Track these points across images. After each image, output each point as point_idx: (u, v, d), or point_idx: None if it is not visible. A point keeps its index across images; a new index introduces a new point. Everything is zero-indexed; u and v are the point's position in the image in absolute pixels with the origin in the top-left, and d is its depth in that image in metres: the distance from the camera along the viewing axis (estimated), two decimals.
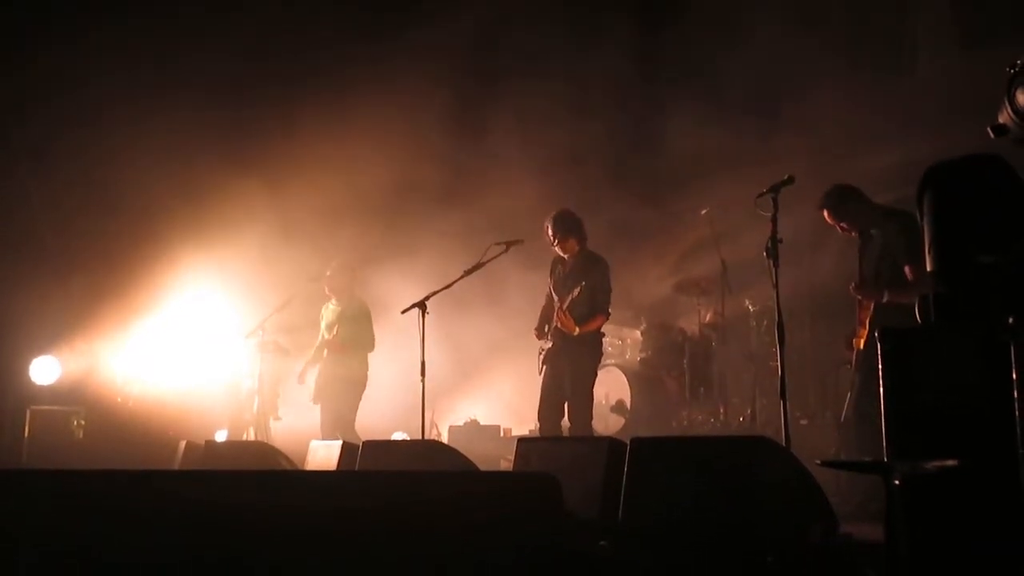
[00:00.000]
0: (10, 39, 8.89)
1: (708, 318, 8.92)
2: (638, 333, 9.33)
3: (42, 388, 9.17)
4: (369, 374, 8.06)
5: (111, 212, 8.89)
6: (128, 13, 9.02)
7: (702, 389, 8.90)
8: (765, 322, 8.03)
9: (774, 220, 5.19)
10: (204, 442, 7.15)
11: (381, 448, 5.66)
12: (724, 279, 8.58)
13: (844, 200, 5.81)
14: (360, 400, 8.00)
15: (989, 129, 3.50)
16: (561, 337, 6.67)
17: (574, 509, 3.66)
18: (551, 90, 9.89)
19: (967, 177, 3.48)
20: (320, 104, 9.24)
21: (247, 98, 9.43)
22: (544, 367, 6.77)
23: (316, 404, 8.13)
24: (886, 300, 5.47)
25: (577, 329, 6.59)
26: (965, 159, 3.50)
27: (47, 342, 9.24)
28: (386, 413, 8.82)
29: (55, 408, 9.04)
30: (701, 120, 9.32)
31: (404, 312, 6.68)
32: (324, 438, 7.74)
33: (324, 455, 5.86)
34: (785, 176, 5.25)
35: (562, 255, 6.91)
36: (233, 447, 7.64)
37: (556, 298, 6.80)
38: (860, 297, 5.62)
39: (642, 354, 9.17)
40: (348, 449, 5.56)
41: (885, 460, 3.31)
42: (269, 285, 9.07)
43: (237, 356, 9.27)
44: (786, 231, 5.26)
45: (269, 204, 9.03)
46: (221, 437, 9.10)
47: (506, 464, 7.72)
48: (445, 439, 9.38)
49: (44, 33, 8.94)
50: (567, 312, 6.60)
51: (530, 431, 9.45)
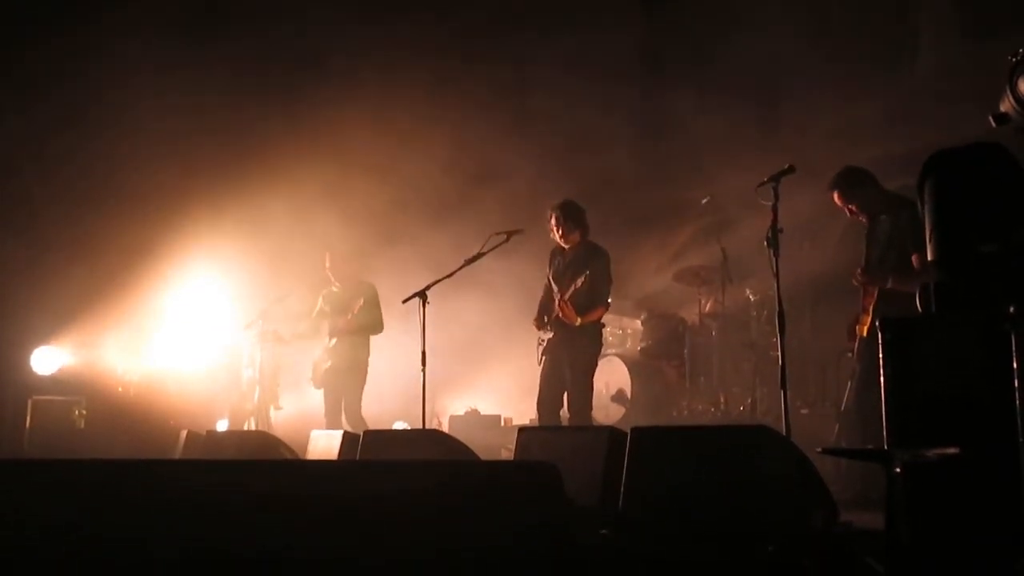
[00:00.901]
0: (10, 27, 8.87)
1: (708, 307, 8.92)
2: (638, 323, 9.33)
3: (43, 378, 9.19)
4: (370, 360, 8.07)
5: (112, 202, 8.89)
6: None
7: (702, 378, 8.91)
8: (765, 311, 8.03)
9: (775, 209, 5.18)
10: (205, 432, 7.17)
11: (382, 437, 5.67)
12: (724, 268, 8.58)
13: (856, 183, 5.78)
14: (365, 384, 8.00)
15: (991, 118, 3.49)
16: (562, 327, 6.66)
17: (575, 498, 3.66)
18: (549, 78, 9.87)
19: (969, 166, 3.48)
20: (319, 91, 9.22)
21: (247, 86, 9.39)
22: (544, 357, 6.76)
23: (319, 389, 8.10)
24: (890, 286, 5.45)
25: (579, 319, 6.58)
26: (967, 148, 3.49)
27: (48, 332, 9.25)
28: (387, 403, 8.82)
29: (56, 398, 9.05)
30: (702, 109, 9.31)
31: (405, 302, 6.68)
32: (329, 425, 7.76)
33: (325, 444, 5.87)
34: (786, 165, 5.24)
35: (562, 245, 6.89)
36: (234, 437, 7.65)
37: (556, 288, 6.79)
38: (865, 284, 5.60)
39: (642, 344, 9.17)
40: (349, 439, 5.57)
41: (886, 448, 3.32)
42: (269, 275, 9.07)
43: (237, 346, 9.29)
44: (787, 220, 5.25)
45: (269, 193, 9.02)
46: (222, 427, 9.12)
47: (507, 454, 7.73)
48: (446, 429, 9.38)
49: (44, 20, 8.92)
50: (569, 302, 6.58)
51: (531, 421, 9.46)
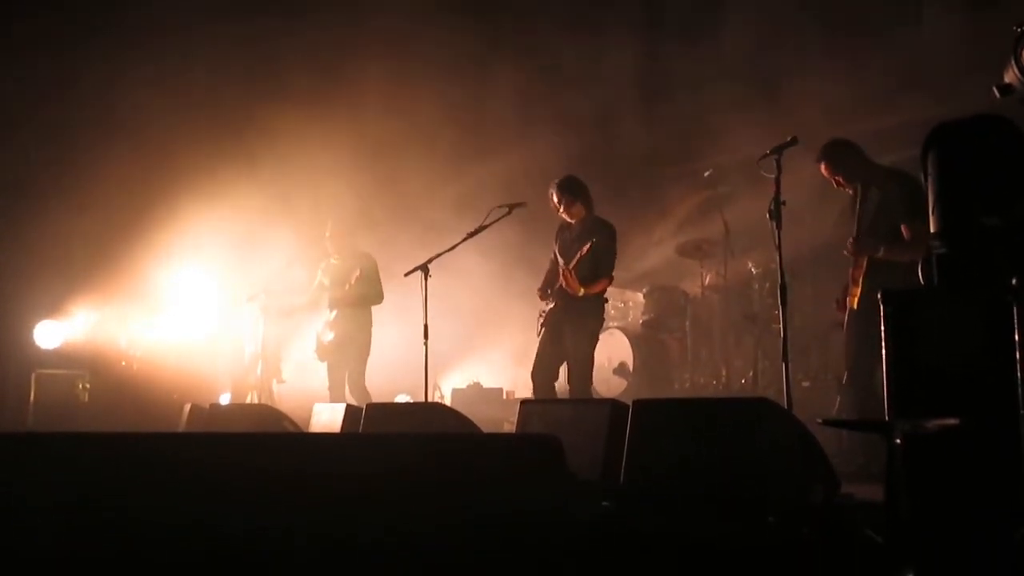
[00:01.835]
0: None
1: (710, 280, 8.92)
2: (640, 296, 9.33)
3: (47, 352, 9.21)
4: (373, 332, 8.08)
5: (113, 176, 8.85)
6: None
7: (704, 351, 8.92)
8: (767, 284, 8.02)
9: (777, 182, 5.17)
10: (208, 405, 7.19)
11: (384, 411, 5.69)
12: (727, 241, 8.58)
13: (842, 153, 5.78)
14: (368, 357, 8.01)
15: (995, 89, 3.48)
16: (564, 297, 6.62)
17: (576, 471, 3.67)
18: (551, 51, 9.82)
19: (972, 138, 3.46)
20: (321, 63, 9.17)
21: (248, 56, 9.34)
22: (542, 328, 6.73)
23: (322, 361, 8.11)
24: (882, 255, 5.45)
25: (582, 290, 6.55)
26: (971, 119, 3.47)
27: (51, 306, 9.26)
28: (389, 376, 8.83)
29: (60, 372, 9.08)
30: (704, 81, 9.26)
31: (407, 275, 6.68)
32: (332, 397, 7.77)
33: (328, 418, 5.89)
34: (788, 137, 5.22)
35: (569, 220, 6.86)
36: (237, 410, 7.67)
37: (561, 260, 6.76)
38: (856, 254, 5.59)
39: (644, 316, 9.17)
40: (352, 412, 5.59)
41: (886, 419, 3.33)
42: (271, 248, 9.06)
43: (240, 319, 9.30)
44: (789, 193, 5.24)
45: (271, 165, 9.00)
46: (225, 400, 9.15)
47: (509, 427, 7.76)
48: (448, 402, 9.42)
49: None
50: (572, 272, 6.54)
51: (533, 394, 9.50)
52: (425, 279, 6.52)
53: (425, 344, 6.46)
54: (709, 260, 8.89)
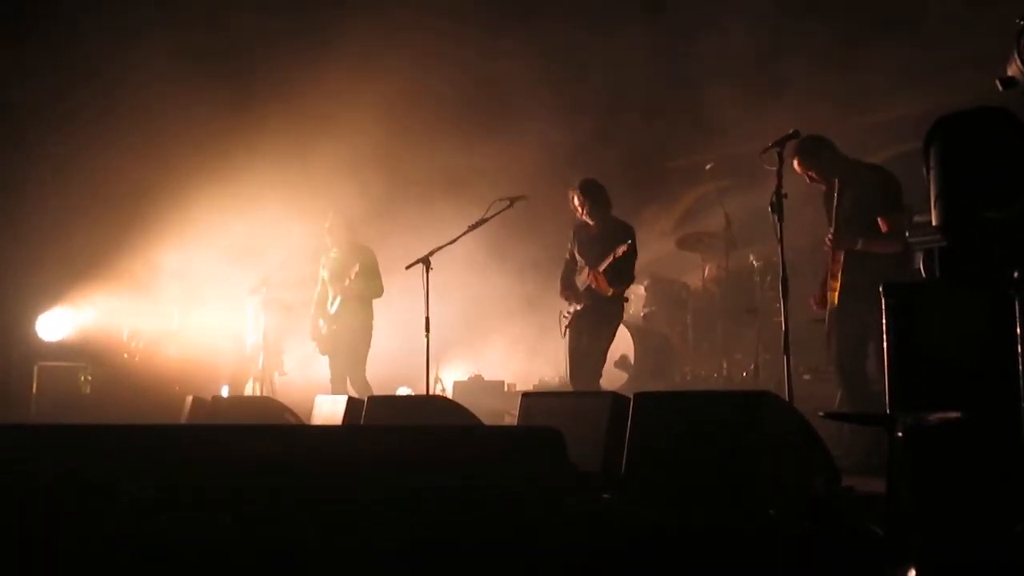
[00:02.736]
0: None
1: (712, 273, 8.91)
2: (641, 289, 9.33)
3: (49, 344, 9.24)
4: (374, 325, 8.09)
5: (115, 168, 8.86)
6: None
7: (705, 344, 8.92)
8: (768, 277, 8.02)
9: (779, 175, 5.17)
10: (210, 397, 7.21)
11: (386, 403, 5.70)
12: (728, 234, 8.57)
13: (814, 150, 5.78)
14: (369, 350, 8.03)
15: (997, 81, 3.46)
16: (592, 297, 6.75)
17: (578, 463, 3.68)
18: (551, 42, 9.80)
19: (975, 131, 3.45)
20: (322, 59, 9.16)
21: (252, 47, 9.33)
22: (567, 330, 6.87)
23: (324, 354, 8.13)
24: (860, 248, 5.48)
25: (611, 291, 6.69)
26: (973, 112, 3.46)
27: (53, 298, 9.28)
28: (391, 368, 8.85)
29: (62, 364, 9.10)
30: (705, 74, 9.24)
31: (408, 268, 6.69)
32: (335, 391, 7.79)
33: (329, 410, 5.89)
34: (790, 130, 5.22)
35: (588, 221, 6.94)
36: (239, 402, 7.69)
37: (581, 260, 6.86)
38: (835, 248, 5.61)
39: (646, 309, 9.18)
40: (353, 404, 5.60)
41: (888, 412, 3.33)
42: (272, 241, 9.06)
43: (242, 312, 9.31)
44: (790, 186, 5.24)
45: (272, 158, 9.00)
46: (226, 392, 9.16)
47: (510, 419, 7.76)
48: (449, 394, 9.43)
49: None
50: (603, 274, 6.67)
51: (534, 386, 9.51)
52: (426, 272, 6.54)
53: (427, 337, 6.48)
54: (710, 253, 8.89)
